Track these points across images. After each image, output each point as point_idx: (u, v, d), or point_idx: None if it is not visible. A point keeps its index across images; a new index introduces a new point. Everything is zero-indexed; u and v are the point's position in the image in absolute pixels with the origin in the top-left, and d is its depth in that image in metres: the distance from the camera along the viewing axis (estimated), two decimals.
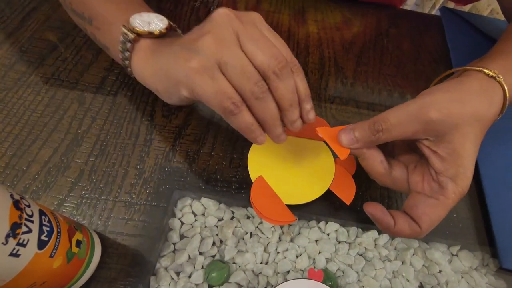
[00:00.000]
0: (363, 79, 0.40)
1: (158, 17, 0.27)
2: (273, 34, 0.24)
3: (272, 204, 0.27)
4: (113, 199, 0.28)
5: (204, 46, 0.21)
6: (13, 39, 0.37)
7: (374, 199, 0.30)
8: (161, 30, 0.26)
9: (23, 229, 0.15)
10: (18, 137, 0.30)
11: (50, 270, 0.18)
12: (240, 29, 0.22)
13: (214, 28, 0.22)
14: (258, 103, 0.22)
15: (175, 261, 0.25)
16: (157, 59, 0.25)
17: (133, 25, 0.26)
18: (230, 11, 0.23)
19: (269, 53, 0.21)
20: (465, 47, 0.44)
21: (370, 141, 0.24)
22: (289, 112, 0.23)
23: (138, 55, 0.27)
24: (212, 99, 0.22)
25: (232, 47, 0.21)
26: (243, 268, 0.25)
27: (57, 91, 0.33)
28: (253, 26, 0.23)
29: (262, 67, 0.21)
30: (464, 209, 0.31)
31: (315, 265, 0.26)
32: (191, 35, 0.24)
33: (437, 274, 0.27)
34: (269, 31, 0.24)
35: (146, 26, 0.26)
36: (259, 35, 0.22)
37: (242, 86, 0.21)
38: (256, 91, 0.21)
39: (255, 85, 0.21)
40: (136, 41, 0.26)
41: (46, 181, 0.28)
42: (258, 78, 0.21)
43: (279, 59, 0.21)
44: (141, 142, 0.31)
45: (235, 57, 0.21)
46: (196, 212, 0.28)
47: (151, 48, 0.26)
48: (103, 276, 0.24)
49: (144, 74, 0.27)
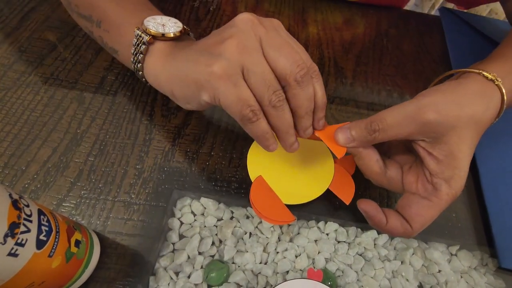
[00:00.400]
0: (362, 79, 0.40)
1: (172, 20, 0.27)
2: (293, 40, 0.24)
3: (272, 204, 0.26)
4: (112, 199, 0.28)
5: (227, 51, 0.21)
6: (12, 39, 0.37)
7: (373, 198, 0.30)
8: (176, 33, 0.26)
9: (21, 228, 0.15)
10: (17, 136, 0.30)
11: (49, 270, 0.18)
12: (263, 35, 0.22)
13: (237, 33, 0.22)
14: (275, 111, 0.22)
15: (174, 261, 0.25)
16: (173, 63, 0.25)
17: (147, 27, 0.25)
18: (253, 16, 0.22)
19: (292, 59, 0.21)
20: (464, 48, 0.44)
21: (366, 141, 0.24)
22: (303, 120, 0.23)
23: (152, 58, 0.26)
24: (233, 105, 0.22)
25: (255, 53, 0.21)
26: (243, 268, 0.25)
27: (56, 90, 0.33)
28: (275, 32, 0.23)
29: (284, 73, 0.21)
30: (463, 209, 0.31)
31: (315, 265, 0.26)
32: (209, 40, 0.23)
33: (436, 274, 0.27)
34: (289, 37, 0.24)
35: (161, 29, 0.26)
36: (281, 41, 0.22)
37: (261, 94, 0.22)
38: (274, 99, 0.22)
39: (274, 93, 0.22)
40: (150, 43, 0.26)
41: (45, 181, 0.28)
42: (277, 87, 0.22)
43: (301, 65, 0.22)
44: (141, 142, 0.31)
45: (258, 64, 0.21)
46: (195, 212, 0.28)
47: (166, 51, 0.26)
48: (102, 276, 0.24)
49: (159, 78, 0.26)
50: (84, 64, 0.36)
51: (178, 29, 0.26)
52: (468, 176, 0.33)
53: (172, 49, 0.26)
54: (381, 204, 0.30)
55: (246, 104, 0.21)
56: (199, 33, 0.41)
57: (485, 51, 0.43)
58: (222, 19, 0.44)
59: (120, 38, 0.28)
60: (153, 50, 0.26)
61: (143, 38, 0.25)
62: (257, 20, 0.22)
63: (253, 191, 0.27)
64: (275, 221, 0.26)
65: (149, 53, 0.26)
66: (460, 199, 0.31)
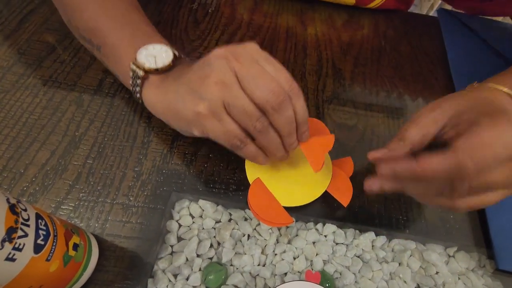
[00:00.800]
0: (360, 80, 0.40)
1: (163, 48, 0.28)
2: (271, 63, 0.24)
3: (270, 206, 0.27)
4: (111, 201, 0.28)
5: (208, 92, 0.23)
6: (11, 41, 0.37)
7: (371, 200, 0.30)
8: (165, 67, 0.28)
9: (19, 233, 0.15)
10: (15, 139, 0.30)
11: (47, 274, 0.18)
12: (238, 69, 0.23)
13: (214, 72, 0.23)
14: (261, 135, 0.24)
15: (172, 264, 0.25)
16: (166, 97, 0.27)
17: (140, 61, 0.27)
18: (226, 51, 0.24)
19: (267, 89, 0.23)
20: (462, 49, 0.44)
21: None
22: (287, 138, 0.25)
23: (148, 91, 0.28)
24: (221, 138, 0.24)
25: (233, 88, 0.23)
26: (241, 270, 0.25)
27: (55, 93, 0.33)
28: (251, 62, 0.24)
29: (261, 103, 0.23)
30: None
31: (313, 267, 0.26)
32: (194, 74, 0.25)
33: (434, 276, 0.27)
34: (266, 60, 0.24)
35: (153, 63, 0.27)
36: (256, 71, 0.23)
37: (246, 123, 0.24)
38: (258, 126, 0.24)
39: (257, 121, 0.23)
40: (145, 78, 0.28)
41: (44, 184, 0.28)
42: (258, 115, 0.23)
43: (277, 93, 0.23)
44: (139, 144, 0.31)
45: (236, 98, 0.23)
46: (193, 214, 0.28)
47: (159, 83, 0.28)
48: (101, 279, 0.24)
49: (156, 109, 0.28)
50: (82, 66, 0.36)
51: (169, 58, 0.28)
52: None
53: (164, 80, 0.28)
54: (381, 207, 0.30)
55: (233, 135, 0.24)
56: (197, 35, 0.41)
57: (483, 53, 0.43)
58: (221, 21, 0.44)
59: (118, 67, 0.30)
60: (148, 83, 0.28)
61: (137, 73, 0.27)
62: (231, 55, 0.24)
63: (251, 193, 0.27)
64: (273, 223, 0.26)
65: (144, 85, 0.28)
66: None
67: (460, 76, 0.40)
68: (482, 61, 0.42)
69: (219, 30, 0.42)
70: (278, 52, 0.41)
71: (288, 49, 0.42)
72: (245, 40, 0.42)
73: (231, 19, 0.44)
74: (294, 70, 0.40)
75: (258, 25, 0.44)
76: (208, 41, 0.41)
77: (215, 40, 0.41)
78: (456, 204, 0.22)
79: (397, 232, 0.28)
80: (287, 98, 0.23)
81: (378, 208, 0.30)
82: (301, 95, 0.25)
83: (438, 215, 0.30)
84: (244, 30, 0.43)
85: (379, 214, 0.30)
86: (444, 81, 0.41)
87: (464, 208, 0.22)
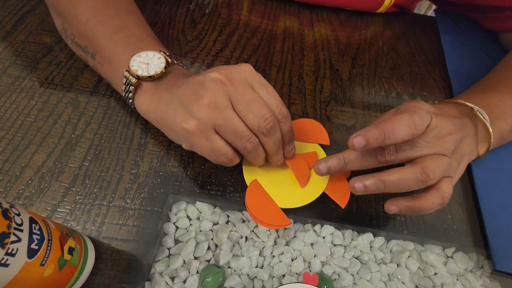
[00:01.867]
0: (358, 81, 0.40)
1: (156, 55, 0.28)
2: (263, 86, 0.26)
3: (267, 208, 0.26)
4: (107, 204, 0.28)
5: (199, 112, 0.24)
6: (6, 43, 0.36)
7: (369, 200, 0.30)
8: (158, 74, 0.28)
9: (11, 238, 0.15)
10: (11, 142, 0.30)
11: (41, 279, 0.18)
12: (232, 93, 0.24)
13: (207, 94, 0.24)
14: (250, 154, 0.26)
15: (170, 266, 0.25)
16: (159, 107, 0.27)
17: (133, 68, 0.27)
18: (221, 75, 0.24)
19: (259, 114, 0.24)
20: (459, 49, 0.44)
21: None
22: (274, 156, 0.27)
23: (140, 98, 0.28)
24: (208, 155, 0.26)
25: (225, 111, 0.24)
26: (238, 273, 0.25)
27: (51, 95, 0.33)
28: (244, 86, 0.25)
29: (252, 127, 0.25)
30: (459, 210, 0.31)
31: (311, 268, 0.26)
32: (188, 89, 0.25)
33: (432, 277, 0.27)
34: (260, 83, 0.25)
35: (145, 70, 0.27)
36: (250, 97, 0.24)
37: (235, 143, 0.25)
38: (248, 146, 0.25)
39: (247, 141, 0.25)
40: (138, 85, 0.28)
41: (40, 187, 0.28)
42: (249, 135, 0.25)
43: (268, 119, 0.24)
44: (136, 146, 0.31)
45: (228, 120, 0.24)
46: (191, 216, 0.27)
47: (152, 90, 0.28)
48: (97, 282, 0.24)
49: (149, 116, 0.28)
50: (79, 68, 0.36)
51: (162, 66, 0.28)
52: (463, 178, 0.33)
53: (157, 88, 0.28)
54: (378, 206, 0.30)
55: (220, 153, 0.25)
56: (194, 36, 0.41)
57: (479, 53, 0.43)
58: (218, 22, 0.43)
59: (112, 74, 0.30)
60: (141, 90, 0.28)
61: (130, 80, 0.28)
62: (226, 79, 0.24)
63: (248, 195, 0.27)
64: (271, 225, 0.26)
65: (137, 93, 0.28)
66: (455, 200, 0.31)
67: (457, 76, 0.40)
68: (479, 61, 0.42)
69: (216, 31, 0.42)
70: (275, 53, 0.41)
71: (285, 50, 0.41)
72: (242, 41, 0.42)
73: (228, 20, 0.44)
74: (291, 71, 0.39)
75: (255, 26, 0.44)
76: (205, 41, 0.41)
77: (212, 40, 0.41)
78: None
79: (395, 233, 0.28)
80: (276, 123, 0.25)
81: (376, 209, 0.30)
82: (289, 118, 0.26)
83: (436, 215, 0.30)
84: (242, 30, 0.43)
85: (377, 215, 0.30)
86: (442, 81, 0.41)
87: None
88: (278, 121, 0.26)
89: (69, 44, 0.34)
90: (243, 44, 0.41)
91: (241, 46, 0.41)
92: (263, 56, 0.40)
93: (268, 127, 0.24)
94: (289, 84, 0.38)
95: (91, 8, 0.30)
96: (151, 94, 0.28)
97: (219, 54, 0.40)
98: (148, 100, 0.28)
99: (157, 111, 0.27)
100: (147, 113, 0.28)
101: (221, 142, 0.25)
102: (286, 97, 0.37)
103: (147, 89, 0.28)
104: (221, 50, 0.40)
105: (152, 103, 0.27)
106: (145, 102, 0.28)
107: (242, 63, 0.26)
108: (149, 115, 0.28)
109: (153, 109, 0.27)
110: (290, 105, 0.36)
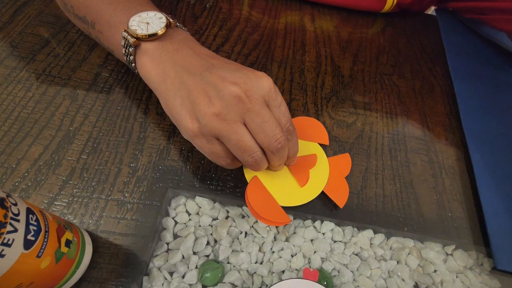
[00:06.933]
0: (359, 78, 0.40)
1: (157, 15, 0.27)
2: (278, 105, 0.25)
3: (267, 205, 0.26)
4: (105, 197, 0.27)
5: (206, 118, 0.23)
6: (3, 34, 0.36)
7: (369, 198, 0.30)
8: (159, 32, 0.26)
9: (7, 228, 0.15)
10: (7, 134, 0.29)
11: (38, 271, 0.17)
12: (247, 111, 0.23)
13: (221, 104, 0.23)
14: (249, 166, 0.25)
15: (168, 261, 0.25)
16: (163, 80, 0.26)
17: (132, 28, 0.26)
18: (241, 90, 0.23)
19: (271, 134, 0.24)
20: (460, 47, 0.44)
21: None
22: (276, 169, 0.27)
23: (141, 60, 0.27)
24: (207, 155, 0.25)
25: (233, 124, 0.23)
26: (238, 268, 0.25)
27: (49, 87, 0.33)
28: (261, 105, 0.24)
29: (262, 145, 0.24)
30: (459, 208, 0.31)
31: (310, 264, 0.26)
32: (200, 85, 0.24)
33: (432, 274, 0.27)
34: (275, 102, 0.25)
35: (145, 29, 0.26)
36: (264, 116, 0.24)
37: (236, 155, 0.24)
38: (249, 160, 0.24)
39: (248, 156, 0.24)
40: (136, 45, 0.26)
41: (36, 179, 0.27)
42: (251, 150, 0.24)
43: (278, 140, 0.24)
44: (135, 139, 0.31)
45: (233, 134, 0.23)
46: (190, 211, 0.27)
47: (154, 54, 0.26)
48: (94, 276, 0.24)
49: (151, 82, 0.27)
50: (77, 60, 0.35)
51: (162, 25, 0.26)
52: (464, 175, 0.33)
53: (160, 53, 0.26)
54: (378, 203, 0.30)
55: (219, 157, 0.25)
56: (195, 30, 0.41)
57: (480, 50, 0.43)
58: (219, 17, 0.43)
59: (112, 39, 0.29)
60: (141, 52, 0.27)
61: (129, 41, 0.26)
62: (246, 96, 0.23)
63: (249, 191, 0.26)
64: (271, 222, 0.25)
65: (138, 54, 0.27)
66: (455, 198, 0.31)
67: (458, 73, 0.40)
68: (481, 58, 0.42)
69: (217, 26, 0.42)
70: (276, 49, 0.41)
71: (286, 46, 0.41)
72: (243, 35, 0.41)
73: (229, 15, 0.44)
74: (293, 66, 0.39)
75: (256, 21, 0.44)
76: (206, 36, 0.40)
77: (213, 35, 0.41)
78: None
79: (395, 230, 0.28)
80: (286, 143, 0.25)
81: (376, 205, 0.30)
82: (295, 133, 0.26)
83: (436, 212, 0.30)
84: (243, 25, 0.43)
85: (378, 212, 0.30)
86: (443, 79, 0.41)
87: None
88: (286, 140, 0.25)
89: (71, 18, 0.33)
90: (244, 39, 0.41)
91: (242, 41, 0.41)
92: (264, 52, 0.40)
93: (278, 147, 0.24)
94: (290, 80, 0.38)
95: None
96: (153, 58, 0.26)
97: (219, 49, 0.39)
98: (151, 64, 0.26)
99: (161, 88, 0.26)
100: (149, 79, 0.27)
101: (222, 147, 0.24)
102: (287, 93, 0.37)
103: (148, 51, 0.26)
104: (221, 45, 0.40)
105: (155, 71, 0.26)
106: (147, 65, 0.26)
107: (263, 75, 0.25)
108: (153, 84, 0.27)
109: (157, 81, 0.26)
110: (291, 101, 0.36)
